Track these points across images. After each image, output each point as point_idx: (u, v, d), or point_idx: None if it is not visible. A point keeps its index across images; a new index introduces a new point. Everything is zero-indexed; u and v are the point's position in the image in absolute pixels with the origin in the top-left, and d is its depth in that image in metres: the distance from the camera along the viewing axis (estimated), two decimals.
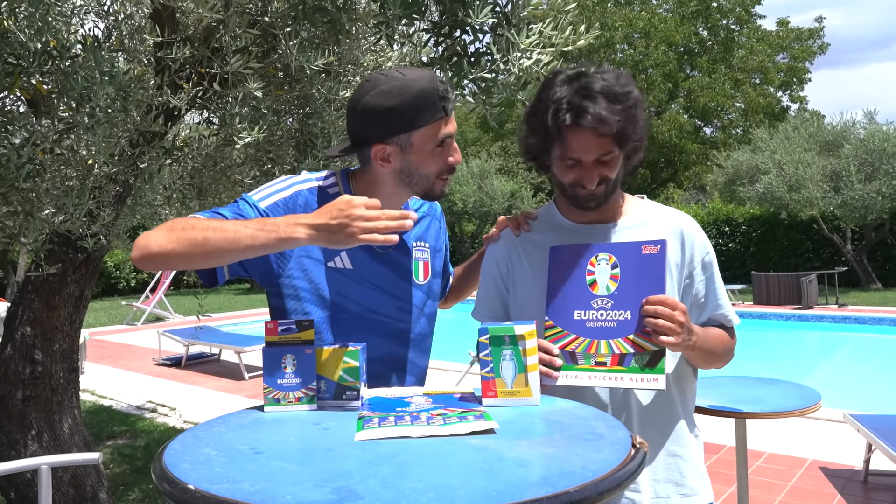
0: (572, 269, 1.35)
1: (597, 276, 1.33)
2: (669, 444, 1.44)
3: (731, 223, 17.65)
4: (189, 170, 3.44)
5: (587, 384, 1.31)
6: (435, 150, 1.38)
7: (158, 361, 8.73)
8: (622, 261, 1.32)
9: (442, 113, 1.35)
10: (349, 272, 1.44)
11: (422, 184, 1.42)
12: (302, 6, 2.09)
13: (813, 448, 4.65)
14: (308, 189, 1.44)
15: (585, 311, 1.32)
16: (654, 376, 1.26)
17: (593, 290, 1.33)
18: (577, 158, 1.34)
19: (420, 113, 1.33)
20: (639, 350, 1.28)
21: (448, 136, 1.38)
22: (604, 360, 1.30)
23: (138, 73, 2.78)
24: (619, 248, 1.33)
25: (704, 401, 2.79)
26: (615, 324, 1.30)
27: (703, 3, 25.76)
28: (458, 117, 25.57)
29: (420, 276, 1.54)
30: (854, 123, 14.80)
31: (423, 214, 1.59)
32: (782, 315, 11.83)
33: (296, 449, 0.98)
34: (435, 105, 1.34)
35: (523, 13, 2.05)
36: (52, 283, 3.02)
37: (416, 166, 1.39)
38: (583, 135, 1.31)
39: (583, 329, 1.32)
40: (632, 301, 1.29)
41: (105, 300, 18.28)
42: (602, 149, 1.33)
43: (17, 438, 3.02)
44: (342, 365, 1.20)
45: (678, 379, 1.47)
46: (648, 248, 1.30)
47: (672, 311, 1.25)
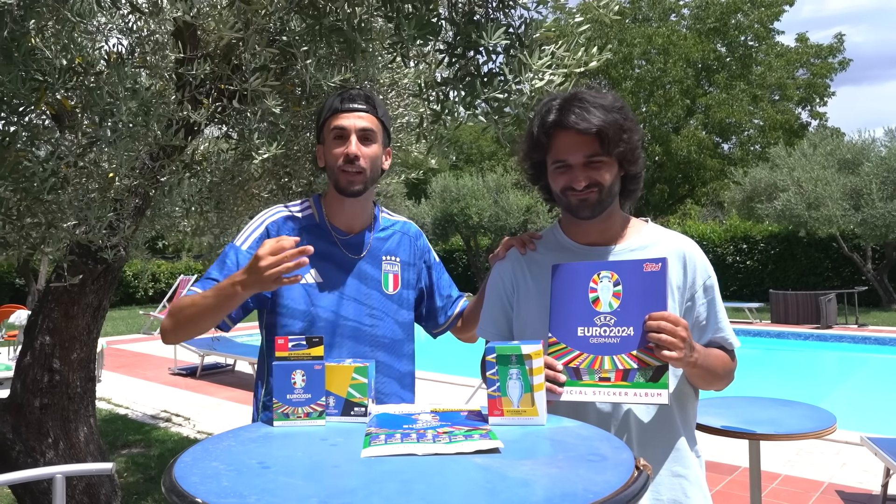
0: (575, 286, 1.37)
1: (599, 293, 1.35)
2: (672, 464, 1.45)
3: (749, 240, 17.50)
4: (208, 183, 3.49)
5: (592, 399, 1.33)
6: (332, 141, 1.60)
7: (174, 371, 8.80)
8: (624, 278, 1.34)
9: (337, 108, 1.59)
10: (319, 285, 1.61)
11: (332, 178, 1.61)
12: (319, 26, 2.13)
13: (829, 471, 4.58)
14: (278, 219, 1.66)
15: (589, 328, 1.34)
16: (658, 391, 1.28)
17: (596, 307, 1.35)
18: (565, 160, 1.41)
19: (324, 110, 1.63)
20: (642, 365, 1.29)
21: (340, 129, 1.58)
22: (608, 376, 1.31)
23: (160, 88, 2.84)
24: (620, 265, 1.36)
25: (717, 421, 2.77)
26: (618, 340, 1.32)
27: (722, 20, 25.73)
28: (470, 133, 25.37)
29: (389, 286, 1.69)
30: (874, 141, 14.67)
31: (392, 231, 1.76)
32: (800, 335, 11.68)
33: (303, 464, 1.00)
34: (333, 103, 1.61)
35: (536, 35, 2.08)
36: (72, 292, 3.08)
37: (326, 159, 1.63)
38: (567, 135, 1.40)
39: (586, 345, 1.34)
40: (634, 318, 1.31)
41: (123, 309, 18.48)
42: (587, 148, 1.39)
43: (33, 446, 3.07)
44: (351, 381, 1.22)
45: (679, 398, 1.47)
46: (650, 266, 1.33)
47: (674, 327, 1.27)
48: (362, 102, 1.62)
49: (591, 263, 1.39)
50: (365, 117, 1.61)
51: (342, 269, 1.64)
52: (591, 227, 1.49)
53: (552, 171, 1.45)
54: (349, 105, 1.60)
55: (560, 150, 1.41)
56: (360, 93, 1.63)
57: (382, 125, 1.66)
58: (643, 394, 1.29)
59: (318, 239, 1.63)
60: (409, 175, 4.18)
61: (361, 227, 1.70)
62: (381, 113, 1.66)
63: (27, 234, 2.46)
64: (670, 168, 26.01)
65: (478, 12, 2.14)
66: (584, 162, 1.40)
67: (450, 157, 29.67)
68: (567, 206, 1.45)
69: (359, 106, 1.61)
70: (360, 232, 1.70)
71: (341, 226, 1.68)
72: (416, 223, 1.89)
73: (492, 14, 2.14)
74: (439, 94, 2.28)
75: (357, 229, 1.69)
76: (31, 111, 2.30)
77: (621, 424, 1.42)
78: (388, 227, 1.76)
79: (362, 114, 1.61)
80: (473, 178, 20.33)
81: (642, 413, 1.44)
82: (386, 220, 1.78)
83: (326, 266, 1.63)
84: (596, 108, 1.37)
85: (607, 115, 1.37)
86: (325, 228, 1.67)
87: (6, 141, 2.19)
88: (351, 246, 1.67)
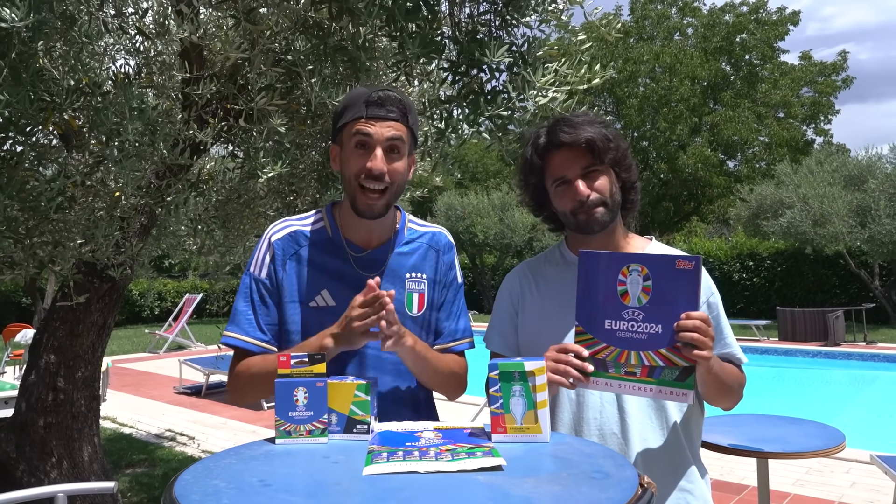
0: (603, 277, 1.33)
1: (628, 286, 1.31)
2: (677, 480, 1.45)
3: (756, 257, 17.43)
4: (214, 202, 3.51)
5: (617, 392, 1.34)
6: (354, 149, 1.40)
7: (179, 390, 8.79)
8: (654, 273, 1.30)
9: (362, 113, 1.38)
10: (332, 309, 1.44)
11: (348, 189, 1.44)
12: (323, 46, 2.15)
13: (839, 490, 4.52)
14: (284, 236, 1.50)
15: (616, 322, 1.32)
16: (684, 391, 1.27)
17: (624, 300, 1.31)
18: (563, 176, 1.46)
19: (346, 111, 1.42)
20: (669, 364, 1.28)
21: (364, 135, 1.38)
22: (634, 371, 1.30)
23: (166, 108, 2.87)
24: (652, 259, 1.31)
25: (725, 439, 2.75)
26: (646, 336, 1.29)
27: (727, 39, 25.87)
28: (475, 152, 25.34)
29: (414, 307, 1.50)
30: (880, 158, 14.64)
31: (419, 245, 1.55)
32: (808, 352, 11.59)
33: (304, 482, 0.99)
34: (358, 105, 1.39)
35: (539, 52, 2.10)
36: (77, 311, 3.09)
37: (344, 166, 1.44)
38: (560, 153, 1.45)
39: (613, 339, 1.32)
40: (663, 315, 1.28)
41: (129, 328, 18.50)
42: (582, 160, 1.44)
43: (37, 465, 3.06)
44: (353, 399, 1.22)
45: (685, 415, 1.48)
46: (683, 263, 1.28)
47: (707, 328, 1.26)
48: (393, 109, 1.39)
49: (620, 254, 1.35)
50: (394, 126, 1.39)
51: (358, 290, 1.37)
52: (596, 243, 1.50)
53: (554, 192, 1.49)
54: (376, 111, 1.38)
55: (557, 168, 1.47)
56: (390, 95, 1.39)
57: (411, 133, 1.45)
58: (668, 392, 1.28)
59: (330, 256, 1.47)
60: (414, 193, 4.20)
61: (380, 240, 1.51)
62: (412, 120, 1.44)
63: (34, 252, 2.48)
64: (676, 185, 26.02)
65: (481, 31, 2.16)
66: (582, 174, 1.45)
67: (454, 174, 29.75)
68: (577, 226, 1.48)
69: (388, 114, 1.38)
70: (378, 247, 1.50)
71: (357, 241, 1.49)
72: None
73: (495, 32, 2.16)
74: (443, 111, 2.30)
75: (375, 243, 1.50)
76: (38, 131, 2.32)
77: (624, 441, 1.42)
78: (413, 240, 1.55)
79: (391, 122, 1.39)
80: (479, 196, 20.39)
81: (647, 430, 1.44)
82: (412, 232, 1.55)
83: (340, 287, 1.45)
84: (580, 124, 1.45)
85: (592, 126, 1.45)
86: (339, 244, 1.49)
87: (14, 160, 2.22)
88: (366, 263, 1.48)
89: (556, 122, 1.48)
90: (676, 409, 1.47)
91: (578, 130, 1.43)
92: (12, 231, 2.29)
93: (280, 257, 1.47)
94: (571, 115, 1.52)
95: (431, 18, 1.91)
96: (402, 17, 1.83)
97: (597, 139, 1.43)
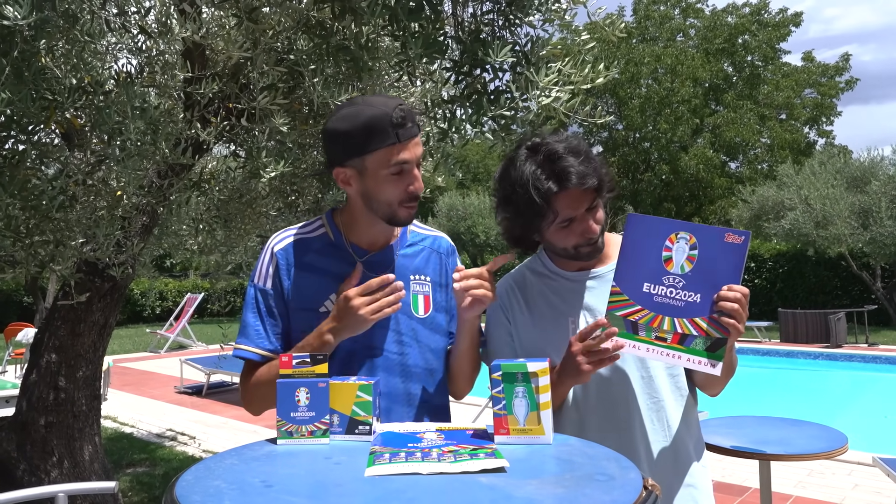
0: (650, 240, 1.34)
1: (674, 253, 1.32)
2: (681, 476, 1.47)
3: (757, 259, 17.42)
4: (215, 201, 3.51)
5: (644, 356, 1.34)
6: (390, 176, 1.38)
7: (180, 390, 8.79)
8: (702, 244, 1.31)
9: (393, 139, 1.35)
10: None
11: (382, 210, 1.42)
12: (326, 45, 2.15)
13: (841, 492, 4.52)
14: (286, 245, 1.49)
15: (655, 286, 1.32)
16: (713, 361, 1.28)
17: (668, 266, 1.32)
18: (571, 217, 1.42)
19: (370, 137, 1.35)
20: (701, 334, 1.29)
21: (403, 163, 1.37)
22: (665, 336, 1.31)
23: (168, 107, 2.86)
24: (701, 230, 1.32)
25: (727, 441, 2.74)
26: (683, 304, 1.30)
27: (730, 41, 25.86)
28: (477, 152, 25.24)
29: (420, 309, 1.50)
30: (882, 159, 14.63)
31: (422, 248, 1.56)
32: (810, 354, 11.58)
33: (306, 483, 0.99)
34: (386, 131, 1.35)
35: (542, 52, 2.09)
36: (78, 310, 3.09)
37: (374, 192, 1.40)
38: (570, 195, 1.40)
39: (650, 302, 1.32)
40: (704, 285, 1.30)
41: (130, 327, 18.51)
42: (588, 200, 1.42)
43: (38, 465, 3.06)
44: (355, 399, 1.21)
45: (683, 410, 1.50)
46: (731, 237, 1.30)
47: (746, 303, 1.28)
48: (414, 124, 1.39)
49: (671, 221, 1.35)
50: (419, 142, 1.41)
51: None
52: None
53: (556, 230, 1.44)
54: (406, 133, 1.37)
55: (566, 209, 1.41)
56: (406, 109, 1.39)
57: None
58: (697, 361, 1.29)
59: (335, 260, 1.47)
60: None
61: (385, 242, 1.51)
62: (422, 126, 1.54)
63: (35, 251, 2.48)
64: (678, 186, 25.99)
65: (484, 31, 2.15)
66: (587, 210, 1.44)
67: (456, 174, 29.75)
68: (576, 257, 1.48)
69: (413, 130, 1.39)
70: (382, 249, 1.51)
71: (362, 243, 1.50)
72: None
73: (498, 32, 2.15)
74: (446, 111, 2.29)
75: (380, 245, 1.51)
76: (40, 130, 2.32)
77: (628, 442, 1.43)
78: (416, 243, 1.56)
79: (417, 138, 1.41)
80: (480, 196, 20.39)
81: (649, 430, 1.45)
82: (415, 235, 1.57)
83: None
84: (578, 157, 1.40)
85: (590, 163, 1.41)
86: (343, 247, 1.49)
87: (16, 159, 2.21)
88: (372, 265, 1.48)
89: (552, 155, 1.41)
90: (675, 405, 1.48)
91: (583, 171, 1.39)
92: (13, 230, 2.28)
93: (284, 266, 1.47)
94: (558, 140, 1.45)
95: (434, 18, 1.90)
96: (404, 16, 1.83)
97: (602, 178, 1.43)
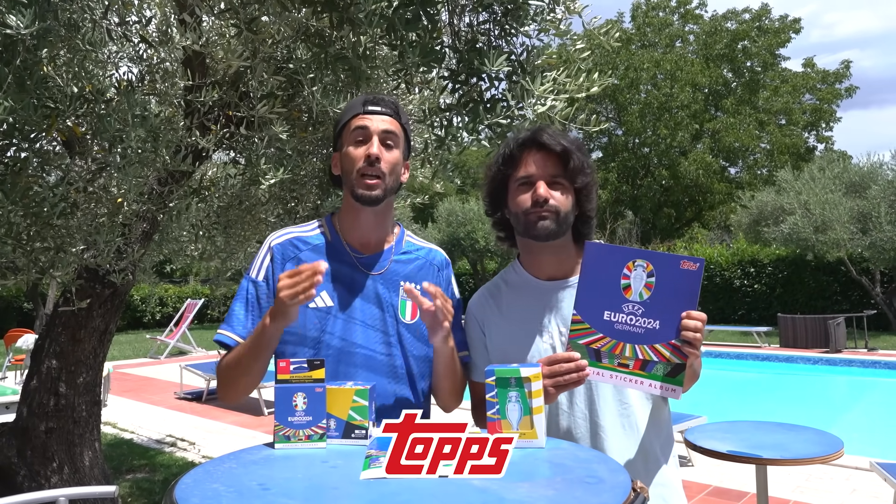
0: (608, 269, 1.36)
1: (632, 280, 1.35)
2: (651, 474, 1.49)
3: (757, 264, 17.43)
4: (215, 208, 3.53)
5: (608, 382, 1.36)
6: (354, 143, 1.50)
7: (180, 395, 8.79)
8: (659, 271, 1.34)
9: (359, 110, 1.50)
10: (330, 309, 1.49)
11: (349, 182, 1.51)
12: (324, 54, 2.17)
13: (839, 497, 4.52)
14: (284, 241, 1.55)
15: (616, 314, 1.35)
16: (674, 387, 1.31)
17: (627, 294, 1.35)
18: (530, 175, 1.48)
19: (345, 114, 1.54)
20: (662, 359, 1.32)
21: (363, 128, 1.49)
22: (627, 363, 1.33)
23: (169, 115, 2.89)
24: (657, 257, 1.35)
25: (724, 446, 2.76)
26: (643, 330, 1.33)
27: (730, 46, 25.94)
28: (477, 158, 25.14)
29: (407, 315, 1.54)
30: (882, 164, 14.65)
31: (416, 257, 1.60)
32: (809, 359, 11.58)
33: (302, 486, 1.01)
34: (356, 106, 1.52)
35: (538, 61, 2.12)
36: (79, 317, 3.11)
37: (344, 163, 1.52)
38: (534, 155, 1.49)
39: (610, 330, 1.34)
40: (662, 311, 1.32)
41: (130, 333, 18.51)
42: (553, 168, 1.48)
43: (38, 470, 3.07)
44: (352, 404, 1.23)
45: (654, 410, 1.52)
46: (687, 264, 1.32)
47: (703, 328, 1.31)
48: (386, 105, 1.52)
49: (627, 249, 1.38)
50: (388, 121, 1.51)
51: (355, 292, 1.49)
52: (548, 259, 1.54)
53: (516, 189, 1.50)
54: (372, 107, 1.50)
55: (527, 166, 1.49)
56: (384, 97, 1.54)
57: (405, 133, 1.56)
58: (659, 386, 1.31)
59: (329, 258, 1.51)
60: (414, 199, 4.22)
61: (378, 244, 1.56)
62: (405, 120, 1.57)
63: (36, 258, 2.50)
64: (677, 192, 26.04)
65: (480, 40, 2.18)
66: (548, 180, 1.48)
67: (454, 181, 29.78)
68: (525, 225, 1.49)
69: (382, 108, 1.51)
70: (376, 251, 1.56)
71: (356, 243, 1.55)
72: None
73: (494, 41, 2.18)
74: (443, 119, 2.32)
75: (373, 247, 1.56)
76: (42, 137, 2.34)
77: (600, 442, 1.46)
78: (411, 252, 1.61)
79: (385, 117, 1.51)
80: (480, 202, 20.38)
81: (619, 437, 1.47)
82: (410, 245, 1.62)
83: (338, 288, 1.50)
84: (564, 139, 1.50)
85: (572, 145, 1.50)
86: (339, 247, 1.54)
87: (18, 166, 2.24)
88: (366, 265, 1.53)
89: (540, 127, 1.53)
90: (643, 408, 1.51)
91: (560, 140, 1.48)
92: (14, 236, 2.31)
93: (279, 260, 1.52)
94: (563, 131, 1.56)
95: (431, 28, 1.93)
96: (402, 26, 1.85)
97: (573, 154, 1.48)
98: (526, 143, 1.50)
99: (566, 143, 1.48)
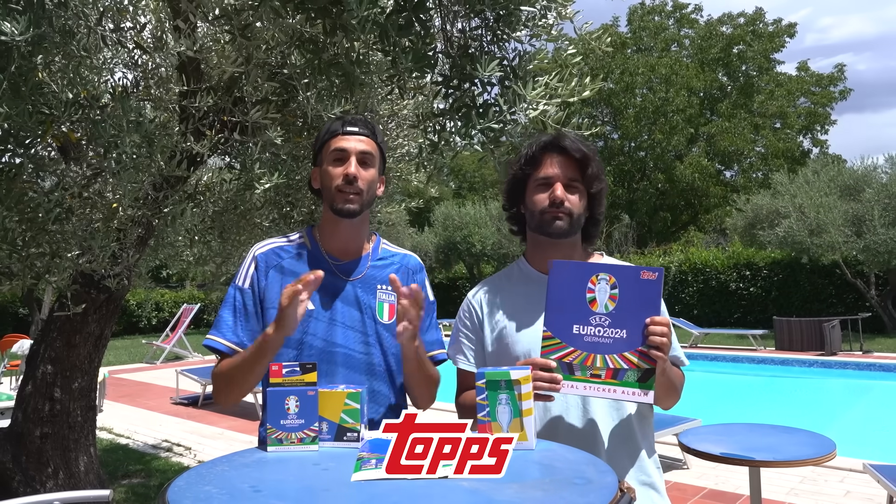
0: (573, 284, 1.42)
1: (597, 294, 1.41)
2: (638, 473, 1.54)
3: (752, 267, 17.46)
4: (210, 213, 3.54)
5: (583, 394, 1.41)
6: (332, 162, 1.60)
7: (176, 400, 8.78)
8: (621, 282, 1.39)
9: (338, 130, 1.61)
10: (311, 312, 1.57)
11: (328, 196, 1.61)
12: (318, 60, 2.19)
13: (833, 499, 4.54)
14: (267, 250, 1.66)
15: (584, 327, 1.40)
16: (645, 391, 1.36)
17: (593, 307, 1.40)
18: (549, 176, 1.56)
19: (325, 134, 1.64)
20: (631, 366, 1.37)
21: (341, 150, 1.59)
22: (599, 373, 1.38)
23: (164, 120, 2.90)
24: (619, 270, 1.41)
25: (717, 448, 2.77)
26: (611, 340, 1.38)
27: (725, 51, 26.04)
28: (472, 162, 25.16)
29: (385, 315, 1.64)
30: (876, 168, 14.71)
31: (391, 262, 1.71)
32: (805, 361, 11.60)
33: (294, 488, 1.02)
34: (335, 127, 1.62)
35: (530, 66, 2.14)
36: (74, 322, 3.11)
37: (323, 179, 1.63)
38: (555, 158, 1.58)
39: (580, 343, 1.40)
40: (628, 321, 1.38)
41: (126, 338, 18.46)
42: (571, 171, 1.57)
43: (33, 475, 3.07)
44: (343, 407, 1.24)
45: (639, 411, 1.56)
46: (647, 274, 1.39)
47: (669, 332, 1.37)
48: (363, 127, 1.64)
49: (590, 264, 1.45)
50: (365, 141, 1.62)
51: (334, 295, 1.60)
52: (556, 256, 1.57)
53: (534, 188, 1.59)
54: (350, 128, 1.61)
55: (548, 167, 1.57)
56: (360, 118, 1.66)
57: (380, 151, 1.67)
58: (631, 392, 1.36)
59: (310, 266, 1.62)
60: (409, 204, 4.24)
61: (356, 252, 1.68)
62: (380, 139, 1.68)
63: (32, 263, 2.50)
64: (673, 195, 26.11)
65: (472, 45, 2.19)
66: (565, 184, 1.56)
67: (449, 185, 29.78)
68: (540, 223, 1.58)
69: (360, 130, 1.62)
70: (354, 258, 1.67)
71: (335, 251, 1.66)
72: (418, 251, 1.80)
73: (486, 47, 2.20)
74: (436, 124, 2.33)
75: (352, 255, 1.67)
76: (37, 143, 2.35)
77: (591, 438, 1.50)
78: (386, 258, 1.72)
79: (362, 138, 1.62)
80: (476, 206, 20.41)
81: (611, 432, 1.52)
82: (385, 252, 1.74)
83: (320, 293, 1.59)
84: (584, 146, 1.58)
85: (591, 153, 1.59)
86: (318, 255, 1.65)
87: (13, 172, 2.25)
88: (344, 271, 1.65)
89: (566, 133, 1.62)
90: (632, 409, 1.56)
91: (581, 146, 1.57)
92: (10, 242, 2.31)
93: (263, 268, 1.62)
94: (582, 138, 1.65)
95: (424, 34, 1.94)
96: (394, 32, 1.87)
97: (592, 161, 1.57)
98: (548, 146, 1.59)
99: (586, 150, 1.57)
